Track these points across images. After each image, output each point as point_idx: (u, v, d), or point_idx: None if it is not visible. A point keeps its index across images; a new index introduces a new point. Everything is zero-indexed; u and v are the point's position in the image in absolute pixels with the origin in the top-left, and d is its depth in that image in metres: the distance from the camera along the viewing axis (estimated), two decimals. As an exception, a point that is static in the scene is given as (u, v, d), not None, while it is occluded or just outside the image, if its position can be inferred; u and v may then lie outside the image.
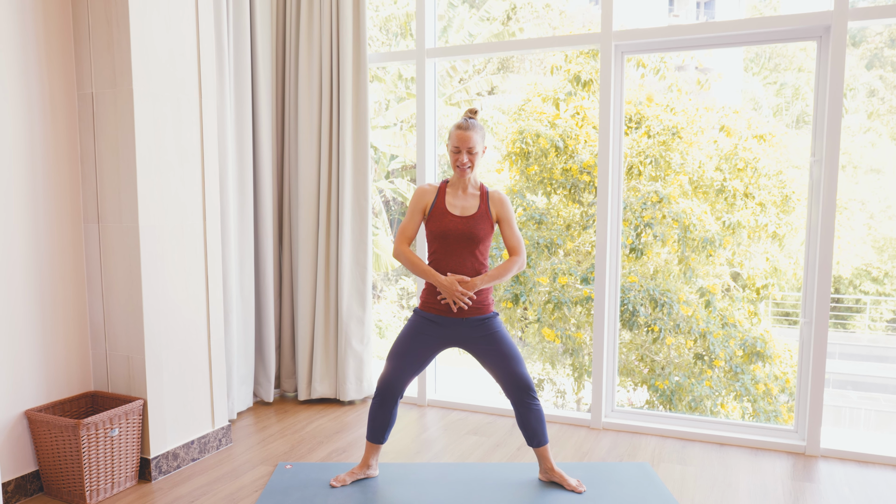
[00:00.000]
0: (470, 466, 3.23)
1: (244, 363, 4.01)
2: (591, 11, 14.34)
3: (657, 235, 6.79)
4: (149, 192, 3.02)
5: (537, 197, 7.70)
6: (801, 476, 3.14)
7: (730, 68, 15.62)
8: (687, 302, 6.69)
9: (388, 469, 3.19)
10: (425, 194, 2.93)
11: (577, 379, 7.68)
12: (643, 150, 7.02)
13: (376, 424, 2.98)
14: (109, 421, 2.87)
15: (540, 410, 2.92)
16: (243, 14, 3.84)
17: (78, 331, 3.12)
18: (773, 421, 6.61)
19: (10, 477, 2.82)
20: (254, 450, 3.46)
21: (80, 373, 3.13)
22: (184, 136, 3.20)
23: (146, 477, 3.07)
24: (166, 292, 3.13)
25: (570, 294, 6.92)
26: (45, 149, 2.94)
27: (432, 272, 2.86)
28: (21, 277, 2.85)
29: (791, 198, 7.19)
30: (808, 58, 15.23)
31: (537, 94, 7.73)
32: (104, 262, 3.09)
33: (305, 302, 4.18)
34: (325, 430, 3.76)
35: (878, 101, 14.78)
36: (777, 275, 7.88)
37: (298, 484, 3.02)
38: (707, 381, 6.59)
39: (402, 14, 11.00)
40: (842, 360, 12.35)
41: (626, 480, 3.06)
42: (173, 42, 3.12)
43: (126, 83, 2.94)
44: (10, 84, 2.79)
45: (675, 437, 3.63)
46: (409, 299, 12.40)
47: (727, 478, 3.12)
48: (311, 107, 4.09)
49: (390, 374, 2.93)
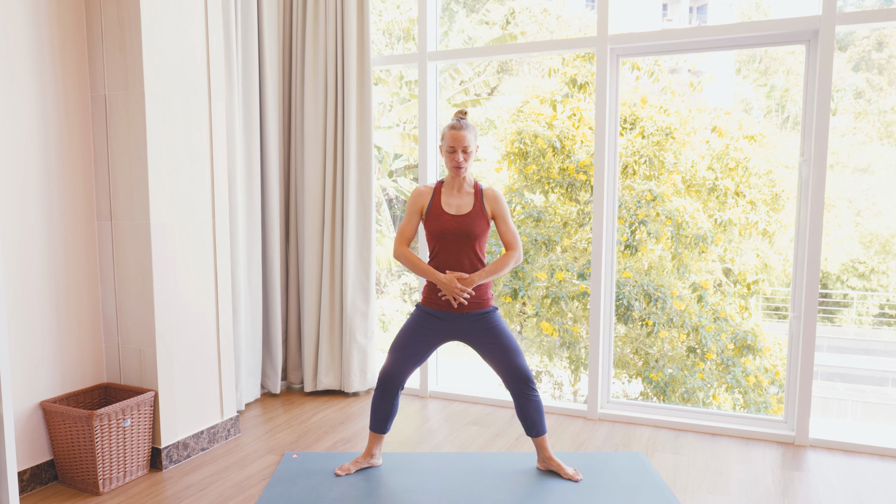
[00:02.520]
0: (470, 456, 3.23)
1: (252, 356, 4.01)
2: (588, 16, 14.31)
3: (651, 232, 6.79)
4: (160, 190, 3.02)
5: (535, 195, 7.69)
6: (791, 465, 3.13)
7: (722, 71, 15.59)
8: (680, 297, 6.69)
9: (391, 458, 3.19)
10: (421, 196, 2.92)
11: (573, 371, 7.69)
12: (638, 150, 7.01)
13: (379, 415, 2.98)
14: (122, 412, 2.87)
15: (538, 401, 2.92)
16: (251, 18, 3.83)
17: (91, 325, 3.12)
18: (763, 412, 6.61)
19: (25, 466, 2.82)
20: (261, 440, 3.47)
21: (93, 365, 3.13)
22: (194, 137, 3.20)
23: (157, 466, 3.08)
24: (177, 287, 3.13)
25: (567, 289, 6.92)
26: (59, 149, 2.94)
27: (431, 271, 2.85)
28: (36, 273, 2.85)
29: (781, 196, 7.19)
30: (797, 61, 15.20)
31: (535, 96, 7.71)
32: (117, 259, 3.09)
33: (311, 297, 4.18)
34: (331, 420, 3.77)
35: (864, 102, 14.75)
36: (767, 270, 7.88)
37: (304, 473, 3.02)
38: (699, 374, 6.60)
39: (404, 19, 10.98)
40: (830, 353, 12.35)
41: (622, 469, 3.06)
42: (183, 46, 3.12)
43: (138, 86, 2.94)
44: (26, 86, 2.78)
45: (669, 427, 3.63)
46: (411, 294, 12.40)
47: (719, 467, 3.12)
48: (316, 108, 4.08)
49: (391, 366, 2.93)
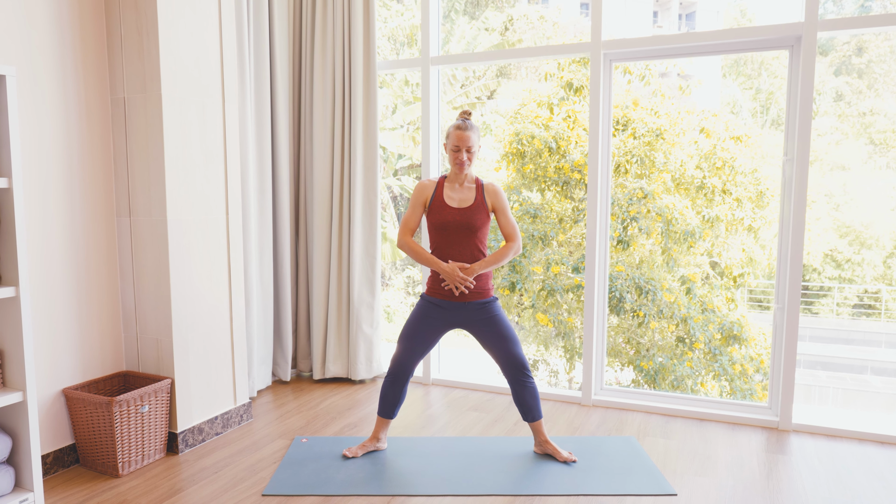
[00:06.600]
0: (470, 440, 3.23)
1: (263, 345, 4.01)
2: (582, 23, 14.24)
3: (642, 228, 6.77)
4: (176, 188, 3.01)
5: (532, 193, 7.67)
6: (775, 449, 3.13)
7: (709, 75, 15.53)
8: (669, 289, 6.67)
9: (396, 442, 3.19)
10: (425, 189, 2.91)
11: (568, 360, 7.68)
12: (629, 150, 6.99)
13: (388, 401, 2.98)
14: (140, 398, 2.87)
15: (534, 388, 2.91)
16: (263, 25, 3.81)
17: (111, 316, 3.11)
18: (748, 398, 6.61)
19: (48, 450, 2.82)
20: (272, 425, 3.47)
21: (113, 354, 3.13)
22: (208, 138, 3.19)
23: (174, 450, 3.08)
24: (192, 280, 3.13)
25: (563, 282, 6.91)
26: (80, 149, 2.93)
27: (435, 260, 2.84)
28: (59, 267, 2.85)
29: (765, 194, 7.16)
30: (781, 65, 15.14)
31: (532, 98, 7.69)
32: (135, 253, 3.08)
33: (320, 289, 4.17)
34: (338, 406, 3.76)
35: (844, 104, 14.70)
36: (752, 264, 7.87)
37: (313, 456, 3.02)
38: (688, 362, 6.59)
39: (408, 25, 10.94)
40: (812, 343, 12.34)
41: (614, 453, 3.05)
42: (198, 51, 3.11)
43: (155, 89, 2.93)
44: (49, 89, 2.77)
45: (659, 413, 3.63)
46: (414, 287, 12.39)
47: (706, 450, 3.11)
48: (324, 110, 4.07)
49: (402, 354, 2.92)
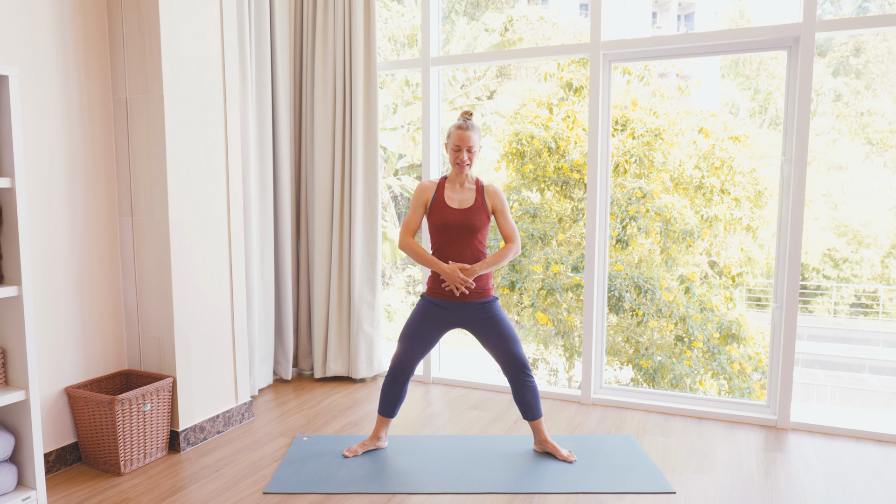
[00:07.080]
0: (471, 438, 3.23)
1: (265, 344, 4.00)
2: (582, 23, 14.23)
3: (641, 228, 6.77)
4: (178, 188, 3.01)
5: (532, 193, 7.67)
6: (773, 447, 3.13)
7: (708, 75, 15.52)
8: (668, 288, 6.67)
9: (397, 440, 3.19)
10: (426, 190, 2.90)
11: (568, 358, 7.68)
12: (628, 150, 6.98)
13: (388, 400, 2.97)
14: (142, 397, 2.87)
15: (534, 387, 2.91)
16: (264, 25, 3.81)
17: (113, 315, 3.11)
18: (746, 397, 6.60)
19: (51, 448, 2.82)
20: (273, 423, 3.46)
21: (115, 353, 3.13)
22: (210, 138, 3.18)
23: (175, 448, 3.08)
24: (194, 280, 3.12)
25: (562, 281, 6.90)
26: (83, 149, 2.92)
27: (435, 261, 2.84)
28: (62, 266, 2.85)
29: (763, 193, 7.16)
30: (780, 66, 15.12)
31: (532, 99, 7.68)
32: (137, 252, 3.08)
33: (321, 288, 4.17)
34: (339, 405, 3.76)
35: (842, 104, 14.69)
36: (750, 263, 7.85)
37: (314, 454, 3.02)
38: (687, 361, 6.58)
39: (408, 26, 10.93)
40: (809, 342, 12.34)
41: (613, 451, 3.05)
42: (200, 51, 3.10)
43: (157, 89, 2.92)
44: (51, 90, 2.77)
45: (658, 411, 3.63)
46: (415, 286, 12.39)
47: (705, 449, 3.11)
48: (325, 111, 4.06)
49: (402, 354, 2.92)
